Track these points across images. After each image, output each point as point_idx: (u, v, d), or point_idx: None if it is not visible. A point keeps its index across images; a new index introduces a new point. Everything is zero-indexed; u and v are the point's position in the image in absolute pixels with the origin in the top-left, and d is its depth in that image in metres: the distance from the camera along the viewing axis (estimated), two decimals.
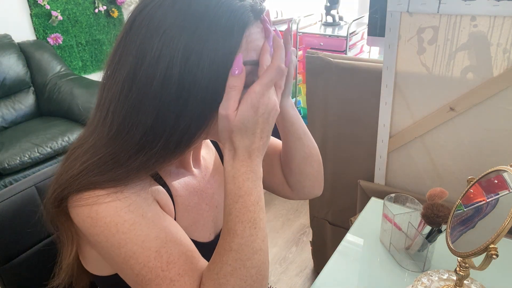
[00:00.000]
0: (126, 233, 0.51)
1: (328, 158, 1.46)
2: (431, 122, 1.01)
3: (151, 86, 0.49)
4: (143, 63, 0.49)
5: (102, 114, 0.53)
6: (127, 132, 0.51)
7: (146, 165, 0.53)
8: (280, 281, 1.82)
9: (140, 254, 0.51)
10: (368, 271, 0.85)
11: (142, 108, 0.50)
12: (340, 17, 2.50)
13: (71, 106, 2.40)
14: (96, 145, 0.54)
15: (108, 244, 0.51)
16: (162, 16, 0.49)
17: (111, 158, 0.52)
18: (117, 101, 0.51)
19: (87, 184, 0.52)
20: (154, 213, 0.54)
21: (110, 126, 0.53)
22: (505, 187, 0.58)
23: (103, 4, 2.95)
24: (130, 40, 0.50)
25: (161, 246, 0.52)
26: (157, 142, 0.51)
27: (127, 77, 0.50)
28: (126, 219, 0.51)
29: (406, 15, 0.94)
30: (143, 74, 0.49)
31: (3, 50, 2.38)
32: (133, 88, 0.50)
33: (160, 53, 0.48)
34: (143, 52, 0.49)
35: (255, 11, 0.52)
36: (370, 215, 1.02)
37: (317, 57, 1.32)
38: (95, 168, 0.52)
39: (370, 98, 1.15)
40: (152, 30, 0.49)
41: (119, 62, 0.51)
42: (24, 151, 2.07)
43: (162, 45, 0.48)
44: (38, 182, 0.76)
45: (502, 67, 0.88)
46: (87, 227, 0.52)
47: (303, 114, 2.68)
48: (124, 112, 0.51)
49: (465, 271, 0.64)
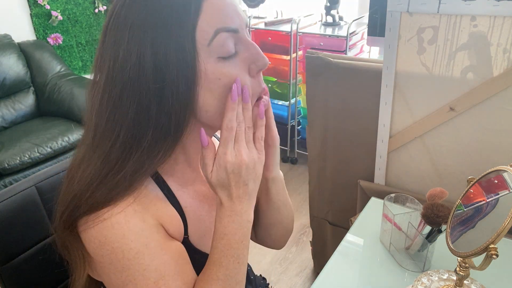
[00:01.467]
0: (131, 260, 0.53)
1: (328, 158, 1.46)
2: (431, 122, 1.01)
3: (127, 77, 0.50)
4: (117, 60, 0.51)
5: (88, 123, 0.55)
6: (111, 132, 0.52)
7: (141, 165, 0.53)
8: (280, 281, 1.82)
9: (139, 282, 0.53)
10: (368, 271, 0.85)
11: (122, 102, 0.51)
12: (340, 17, 2.50)
13: (71, 106, 2.40)
14: (86, 155, 0.55)
15: (112, 266, 0.53)
16: (126, 13, 0.51)
17: (103, 166, 0.53)
18: (99, 106, 0.53)
19: (92, 204, 0.53)
20: (157, 243, 0.55)
21: (95, 131, 0.54)
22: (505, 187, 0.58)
23: (103, 4, 2.95)
24: (105, 46, 0.52)
25: (160, 278, 0.54)
26: (146, 135, 0.52)
27: (106, 79, 0.52)
28: (132, 247, 0.53)
29: (406, 15, 0.94)
30: (119, 69, 0.51)
31: (3, 50, 2.38)
32: (112, 87, 0.52)
33: (131, 45, 0.50)
34: (117, 51, 0.51)
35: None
36: (370, 215, 1.02)
37: (317, 57, 1.32)
38: (93, 182, 0.53)
39: (370, 98, 1.15)
40: (121, 30, 0.51)
41: (100, 68, 0.53)
42: (24, 151, 2.07)
43: (131, 37, 0.50)
44: (38, 182, 0.76)
45: (502, 67, 0.88)
46: (93, 248, 0.54)
47: (303, 114, 2.68)
48: (106, 114, 0.52)
49: (465, 271, 0.64)
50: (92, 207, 0.53)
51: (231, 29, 0.52)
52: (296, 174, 2.64)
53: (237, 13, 0.54)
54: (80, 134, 2.28)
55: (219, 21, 0.51)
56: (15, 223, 0.72)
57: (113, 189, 0.53)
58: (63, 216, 0.55)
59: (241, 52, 0.55)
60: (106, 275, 0.55)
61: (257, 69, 0.56)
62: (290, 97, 2.61)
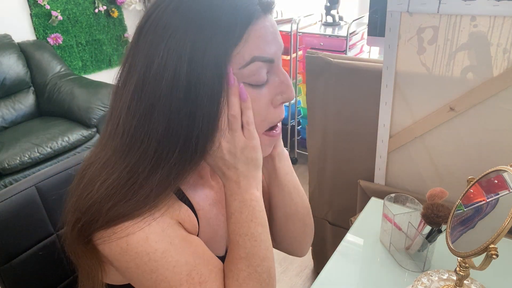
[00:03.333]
0: (158, 260, 0.52)
1: (328, 158, 1.46)
2: (431, 122, 1.01)
3: (159, 91, 0.49)
4: (151, 69, 0.49)
5: (114, 126, 0.53)
6: (140, 143, 0.51)
7: (167, 181, 0.52)
8: (280, 281, 1.82)
9: (171, 278, 0.52)
10: (368, 271, 0.85)
11: (153, 116, 0.50)
12: (340, 17, 2.50)
13: (71, 106, 2.40)
14: (110, 160, 0.53)
15: (139, 270, 0.52)
16: (168, 20, 0.49)
17: (129, 177, 0.51)
18: (127, 111, 0.51)
19: (113, 218, 0.51)
20: (181, 238, 0.55)
21: (122, 138, 0.52)
22: (505, 187, 0.58)
23: (103, 4, 2.95)
24: (138, 49, 0.51)
25: (192, 269, 0.53)
26: (173, 152, 0.51)
27: (137, 86, 0.50)
28: (157, 248, 0.52)
29: (406, 15, 0.94)
30: (152, 80, 0.49)
31: (3, 50, 2.39)
32: (142, 96, 0.50)
33: (167, 58, 0.48)
34: (151, 59, 0.49)
35: (263, 4, 0.51)
36: (370, 215, 1.02)
37: (317, 57, 1.32)
38: (116, 192, 0.51)
39: (370, 98, 1.15)
40: (159, 36, 0.49)
41: (129, 72, 0.51)
42: (24, 151, 2.07)
43: (169, 49, 0.48)
44: (38, 182, 0.76)
45: (502, 67, 0.88)
46: (115, 256, 0.52)
47: (303, 114, 2.68)
48: (135, 122, 0.51)
49: (465, 271, 0.64)
50: (111, 220, 0.51)
51: (267, 59, 0.52)
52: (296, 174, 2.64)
53: (276, 41, 0.53)
54: (80, 134, 2.29)
55: (258, 49, 0.50)
56: (15, 223, 0.72)
57: (138, 206, 0.51)
58: (78, 225, 0.53)
59: (271, 81, 0.54)
60: (135, 279, 0.54)
61: (282, 100, 0.55)
62: None
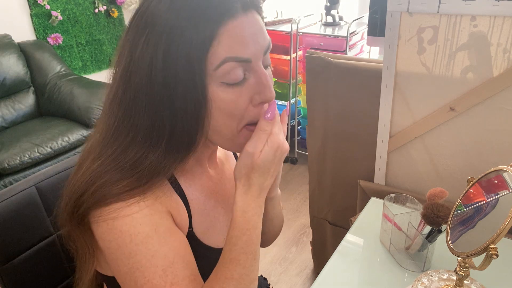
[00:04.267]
0: (139, 244, 0.52)
1: (328, 158, 1.46)
2: (431, 122, 1.01)
3: (140, 83, 0.51)
4: (132, 62, 0.51)
5: (105, 115, 0.55)
6: (127, 131, 0.53)
7: (158, 167, 0.53)
8: (280, 281, 1.82)
9: (146, 269, 0.52)
10: (368, 271, 0.85)
11: (137, 106, 0.52)
12: (340, 17, 2.51)
13: (71, 106, 2.40)
14: (99, 147, 0.55)
15: (119, 252, 0.52)
16: (150, 14, 0.50)
17: (117, 161, 0.53)
18: (112, 102, 0.54)
19: (106, 197, 0.52)
20: (166, 228, 0.55)
21: (111, 127, 0.54)
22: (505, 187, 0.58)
23: (103, 4, 2.95)
24: (125, 43, 0.53)
25: (168, 266, 0.53)
26: (161, 141, 0.52)
27: (122, 76, 0.52)
28: (140, 231, 0.52)
29: (406, 15, 0.94)
30: (133, 71, 0.51)
31: (3, 50, 2.38)
32: (127, 86, 0.52)
33: (146, 49, 0.50)
34: (133, 51, 0.51)
35: (244, 2, 0.50)
36: (370, 215, 1.02)
37: (317, 57, 1.32)
38: (103, 173, 0.53)
39: (370, 98, 1.15)
40: (141, 29, 0.51)
41: (118, 65, 0.54)
42: (24, 151, 2.07)
43: (148, 41, 0.49)
44: (38, 182, 0.76)
45: (502, 67, 0.88)
46: (101, 232, 0.53)
47: (303, 114, 2.68)
48: (121, 112, 0.53)
49: (465, 271, 0.64)
50: (100, 200, 0.52)
51: (242, 59, 0.50)
52: (296, 174, 2.64)
53: (255, 40, 0.51)
54: (80, 134, 2.29)
55: (230, 49, 0.49)
56: (15, 223, 0.72)
57: (130, 187, 0.52)
58: (70, 203, 0.54)
59: (250, 79, 0.53)
60: (114, 262, 0.54)
61: (260, 100, 0.55)
62: (290, 97, 2.61)
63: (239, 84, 0.52)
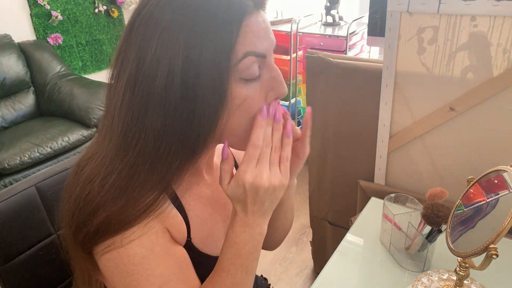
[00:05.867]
0: (136, 264, 0.53)
1: (328, 158, 1.46)
2: (431, 122, 1.01)
3: (154, 88, 0.48)
4: (143, 64, 0.48)
5: (109, 122, 0.53)
6: (136, 141, 0.50)
7: (164, 182, 0.52)
8: (280, 281, 1.82)
9: (143, 286, 0.53)
10: (368, 271, 0.85)
11: (148, 112, 0.49)
12: (340, 17, 2.51)
13: (71, 106, 2.40)
14: (107, 157, 0.53)
15: (116, 270, 0.53)
16: (160, 14, 0.48)
17: (129, 177, 0.51)
18: (120, 107, 0.50)
19: (116, 228, 0.52)
20: (162, 247, 0.55)
21: (118, 135, 0.51)
22: (505, 187, 0.58)
23: (103, 4, 2.95)
24: (130, 43, 0.50)
25: (164, 283, 0.54)
26: (170, 151, 0.50)
27: (129, 80, 0.49)
28: (137, 252, 0.53)
29: (406, 15, 0.94)
30: (145, 75, 0.48)
31: (3, 50, 2.39)
32: (135, 91, 0.49)
33: (160, 53, 0.47)
34: (143, 54, 0.48)
35: (256, 1, 0.51)
36: (370, 215, 1.02)
37: (317, 57, 1.32)
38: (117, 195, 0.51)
39: (370, 98, 1.15)
40: (151, 30, 0.48)
41: (122, 66, 0.51)
42: (24, 151, 2.07)
43: (162, 44, 0.47)
44: (38, 182, 0.76)
45: (502, 67, 0.88)
46: (98, 251, 0.53)
47: (303, 114, 2.68)
48: (129, 119, 0.50)
49: (465, 271, 0.64)
50: (113, 231, 0.52)
51: (259, 54, 0.51)
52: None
53: (268, 37, 0.52)
54: (80, 134, 2.29)
55: (250, 44, 0.49)
56: (15, 223, 0.72)
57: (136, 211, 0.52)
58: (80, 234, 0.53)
59: (263, 76, 0.53)
60: (110, 279, 0.55)
61: (274, 96, 0.54)
62: (290, 97, 2.61)
63: (255, 80, 0.52)
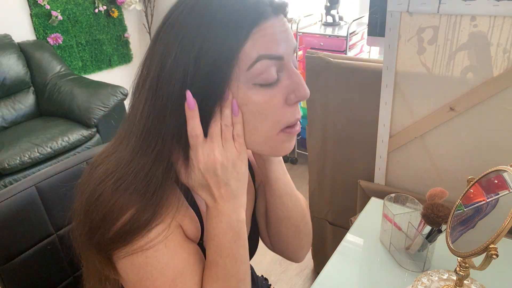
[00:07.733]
0: (149, 257, 0.54)
1: (328, 158, 1.46)
2: (431, 122, 1.01)
3: (172, 91, 0.50)
4: (164, 70, 0.50)
5: (131, 125, 0.55)
6: (155, 143, 0.52)
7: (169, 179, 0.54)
8: (280, 281, 1.82)
9: (156, 279, 0.54)
10: (368, 271, 0.85)
11: (166, 116, 0.51)
12: (340, 17, 2.51)
13: (71, 106, 2.41)
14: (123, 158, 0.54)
15: (129, 263, 0.54)
16: (182, 23, 0.50)
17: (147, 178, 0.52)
18: (142, 110, 0.53)
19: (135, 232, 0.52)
20: (176, 242, 0.56)
21: (137, 137, 0.53)
22: (505, 187, 0.58)
23: (103, 4, 2.95)
24: (155, 51, 0.52)
25: (178, 276, 0.55)
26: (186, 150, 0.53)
27: (151, 85, 0.52)
28: (151, 246, 0.54)
29: (406, 15, 0.94)
30: (165, 80, 0.51)
31: (3, 50, 2.39)
32: (156, 96, 0.51)
33: (178, 58, 0.49)
34: (165, 60, 0.50)
35: (273, 5, 0.52)
36: (370, 215, 1.02)
37: (317, 57, 1.32)
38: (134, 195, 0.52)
39: (370, 98, 1.15)
40: (173, 38, 0.50)
41: (146, 75, 0.53)
42: (24, 151, 2.07)
43: (181, 50, 0.49)
44: (38, 182, 0.76)
45: (502, 67, 0.88)
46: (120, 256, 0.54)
47: (303, 114, 2.68)
48: (149, 122, 0.52)
49: (465, 271, 0.64)
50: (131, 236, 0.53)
51: (275, 57, 0.51)
52: (296, 174, 2.64)
53: (286, 39, 0.52)
54: (80, 134, 2.29)
55: (264, 47, 0.50)
56: (15, 223, 0.72)
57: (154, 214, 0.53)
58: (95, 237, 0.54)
59: (283, 79, 0.53)
60: (123, 271, 0.55)
61: (296, 99, 0.54)
62: None
63: (273, 85, 0.52)
